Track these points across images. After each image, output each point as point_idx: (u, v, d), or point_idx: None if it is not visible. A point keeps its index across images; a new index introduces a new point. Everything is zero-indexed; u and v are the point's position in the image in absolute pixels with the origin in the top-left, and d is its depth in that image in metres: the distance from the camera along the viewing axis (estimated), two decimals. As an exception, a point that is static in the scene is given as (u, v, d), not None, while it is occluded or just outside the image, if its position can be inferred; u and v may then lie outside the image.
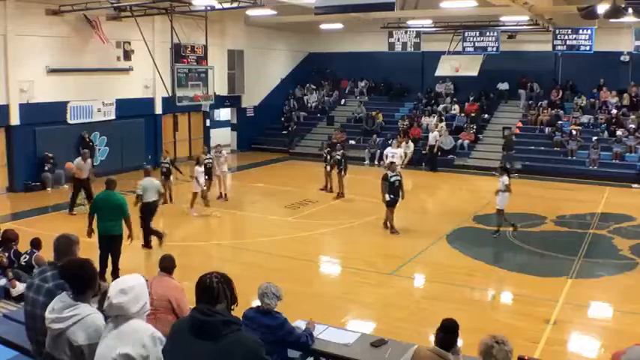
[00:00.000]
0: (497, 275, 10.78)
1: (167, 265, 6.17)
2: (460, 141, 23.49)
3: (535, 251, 11.99)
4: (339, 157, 16.49)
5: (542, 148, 22.30)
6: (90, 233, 9.53)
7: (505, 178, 12.78)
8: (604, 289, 10.10)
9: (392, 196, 12.89)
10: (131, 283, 3.29)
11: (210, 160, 15.79)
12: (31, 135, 17.64)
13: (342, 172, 16.59)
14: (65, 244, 4.43)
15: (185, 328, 3.08)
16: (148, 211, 11.52)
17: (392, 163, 14.17)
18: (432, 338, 4.45)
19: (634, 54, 22.22)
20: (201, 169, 14.71)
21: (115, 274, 9.56)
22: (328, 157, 17.26)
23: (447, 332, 4.26)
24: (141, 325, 3.30)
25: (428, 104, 26.29)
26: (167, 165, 15.76)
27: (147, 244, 11.70)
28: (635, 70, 23.31)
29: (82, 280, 3.60)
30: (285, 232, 13.34)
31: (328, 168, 17.24)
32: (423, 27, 23.58)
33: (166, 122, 23.15)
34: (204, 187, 14.94)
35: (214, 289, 3.05)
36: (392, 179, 12.92)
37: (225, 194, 16.34)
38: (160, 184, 12.38)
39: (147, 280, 3.57)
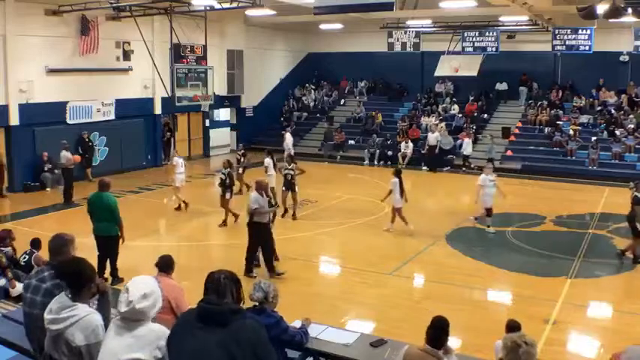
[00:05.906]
0: (497, 275, 10.77)
1: (166, 265, 6.15)
2: (460, 141, 23.47)
3: (535, 251, 11.97)
4: (223, 176, 14.00)
5: (542, 148, 22.30)
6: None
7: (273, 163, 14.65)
8: (603, 289, 10.10)
9: None
10: (151, 287, 3.32)
11: (291, 172, 14.43)
12: (31, 135, 17.64)
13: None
14: (58, 244, 4.44)
15: (193, 318, 3.17)
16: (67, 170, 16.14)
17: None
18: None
19: (633, 54, 22.22)
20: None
21: (114, 275, 9.57)
22: (242, 160, 17.60)
23: (437, 330, 4.34)
24: (158, 329, 3.32)
25: (427, 104, 26.30)
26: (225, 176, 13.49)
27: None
28: (635, 70, 23.32)
29: (78, 279, 3.58)
30: (284, 232, 13.33)
31: (240, 170, 17.30)
32: (422, 27, 23.58)
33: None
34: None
35: (221, 284, 3.22)
36: None
37: (184, 202, 15.10)
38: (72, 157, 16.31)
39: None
